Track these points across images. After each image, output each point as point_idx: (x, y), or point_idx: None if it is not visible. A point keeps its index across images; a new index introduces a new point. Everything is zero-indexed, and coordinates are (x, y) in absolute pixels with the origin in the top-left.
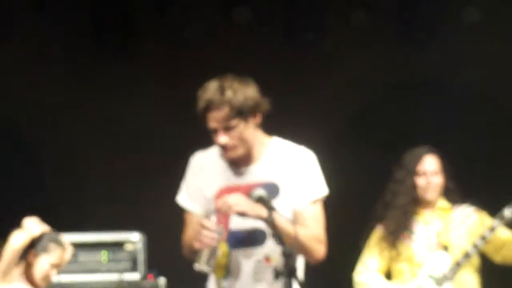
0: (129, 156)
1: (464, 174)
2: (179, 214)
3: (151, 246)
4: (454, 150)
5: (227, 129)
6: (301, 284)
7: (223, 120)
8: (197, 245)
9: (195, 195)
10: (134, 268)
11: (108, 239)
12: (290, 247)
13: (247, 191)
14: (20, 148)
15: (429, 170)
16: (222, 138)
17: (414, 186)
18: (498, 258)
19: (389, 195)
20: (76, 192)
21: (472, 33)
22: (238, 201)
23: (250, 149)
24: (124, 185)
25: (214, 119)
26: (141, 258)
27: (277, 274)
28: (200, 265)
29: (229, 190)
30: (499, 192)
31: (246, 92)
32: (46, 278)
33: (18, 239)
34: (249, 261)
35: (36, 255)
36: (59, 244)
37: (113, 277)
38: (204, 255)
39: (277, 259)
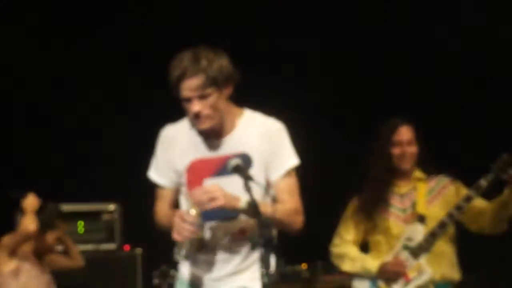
0: (107, 129)
1: (439, 146)
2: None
3: (127, 218)
4: (429, 123)
5: (201, 97)
6: (277, 254)
7: (198, 88)
8: (176, 237)
9: (165, 169)
10: (110, 239)
11: (84, 209)
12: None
13: (220, 163)
14: None
15: (404, 139)
16: (196, 107)
17: (389, 156)
18: (473, 227)
19: (365, 166)
20: (53, 163)
21: None
22: (215, 194)
23: (222, 121)
24: (100, 157)
25: (188, 88)
26: (117, 228)
27: (254, 245)
28: (181, 257)
29: (201, 162)
30: (474, 163)
31: (221, 62)
32: (52, 253)
33: (32, 224)
34: (224, 234)
35: (42, 233)
36: (61, 217)
37: (89, 247)
38: (185, 247)
39: (252, 231)
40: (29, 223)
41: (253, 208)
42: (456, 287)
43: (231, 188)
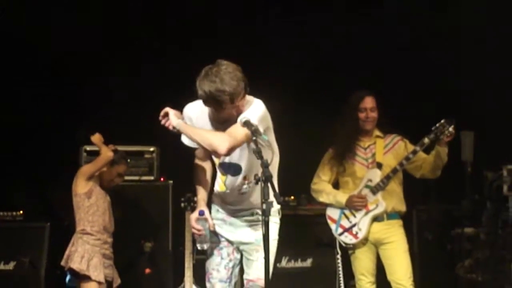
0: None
1: (395, 112)
2: None
3: (163, 157)
4: (388, 95)
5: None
6: (273, 188)
7: (220, 104)
8: (194, 233)
9: None
10: (150, 172)
11: (132, 150)
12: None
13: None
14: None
15: (368, 106)
16: (220, 114)
17: (356, 119)
18: (418, 174)
19: (337, 126)
20: (107, 112)
21: None
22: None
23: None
24: (143, 107)
25: (214, 104)
26: (155, 164)
27: (257, 180)
28: (199, 246)
29: None
30: (419, 127)
31: (238, 76)
32: (112, 182)
33: (110, 151)
34: (235, 181)
35: (109, 164)
36: (126, 160)
37: (134, 178)
38: (200, 239)
39: (251, 178)
40: (107, 151)
41: (257, 153)
42: (403, 216)
43: (239, 152)
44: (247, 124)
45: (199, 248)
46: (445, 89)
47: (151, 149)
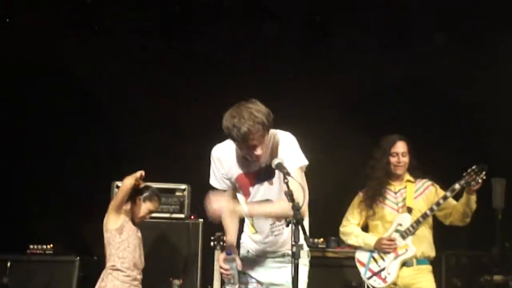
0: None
1: (426, 157)
2: None
3: (194, 195)
4: (420, 138)
5: (261, 143)
6: (304, 231)
7: (261, 137)
8: (221, 273)
9: (220, 179)
10: (181, 210)
11: (164, 187)
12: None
13: (255, 177)
14: (89, 108)
15: (400, 151)
16: (259, 151)
17: (388, 163)
18: (447, 221)
19: (368, 169)
20: (141, 150)
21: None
22: None
23: None
24: (176, 147)
25: (256, 140)
26: (186, 202)
27: (288, 223)
28: (228, 287)
29: (243, 175)
30: (450, 172)
31: (264, 110)
32: (143, 218)
33: (129, 181)
34: (264, 222)
35: (141, 200)
36: (159, 197)
37: (165, 215)
38: (228, 280)
39: (281, 220)
40: (127, 179)
41: (289, 196)
42: (432, 262)
43: (265, 191)
44: (279, 167)
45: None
46: (477, 135)
47: (183, 187)
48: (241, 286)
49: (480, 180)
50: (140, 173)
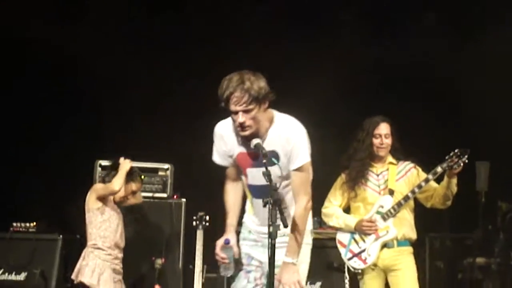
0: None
1: (410, 140)
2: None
3: (177, 175)
4: (404, 121)
5: (245, 111)
6: (281, 211)
7: (242, 104)
8: (217, 260)
9: (223, 156)
10: (163, 190)
11: (146, 167)
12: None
13: (255, 158)
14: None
15: (383, 133)
16: (241, 118)
17: (371, 145)
18: (428, 204)
19: (351, 150)
20: (124, 129)
21: None
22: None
23: (258, 128)
24: (159, 126)
25: (235, 103)
26: (169, 182)
27: (265, 203)
28: (223, 273)
29: (244, 155)
30: (434, 155)
31: (260, 83)
32: (126, 199)
33: (118, 185)
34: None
35: (126, 182)
36: (140, 177)
37: (148, 194)
38: (224, 267)
39: (287, 203)
40: (117, 183)
41: (267, 176)
42: (413, 244)
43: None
44: (257, 147)
45: (222, 274)
46: (460, 118)
47: (166, 166)
48: (240, 268)
49: (461, 164)
50: (128, 161)
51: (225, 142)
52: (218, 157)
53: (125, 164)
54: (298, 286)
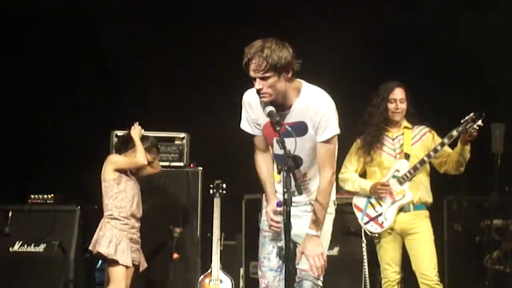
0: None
1: (425, 104)
2: (217, 119)
3: (193, 143)
4: (419, 86)
5: (262, 78)
6: (295, 178)
7: (259, 71)
8: (272, 226)
9: (251, 124)
10: (180, 158)
11: (163, 136)
12: (289, 152)
13: (284, 127)
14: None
15: (398, 97)
16: (258, 85)
17: (386, 109)
18: (441, 170)
19: (366, 115)
20: (140, 98)
21: None
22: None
23: (284, 98)
24: (176, 95)
25: (253, 70)
26: (185, 151)
27: (279, 170)
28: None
29: (269, 126)
30: (448, 118)
31: (282, 53)
32: (143, 169)
33: (144, 159)
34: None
35: None
36: (157, 148)
37: (165, 164)
38: (276, 236)
39: (312, 174)
40: (142, 157)
41: (281, 143)
42: (429, 207)
43: (288, 145)
44: (270, 114)
45: (279, 245)
46: (476, 81)
47: (182, 135)
48: (265, 234)
49: (477, 127)
50: (138, 127)
51: (253, 110)
52: (247, 125)
53: (136, 133)
54: (321, 259)
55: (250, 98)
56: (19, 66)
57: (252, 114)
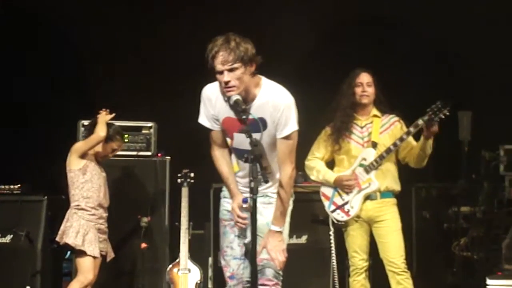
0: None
1: (395, 93)
2: (185, 108)
3: (161, 133)
4: (389, 75)
5: (230, 70)
6: (261, 166)
7: (227, 63)
8: (237, 223)
9: (210, 118)
10: (147, 148)
11: (130, 125)
12: (256, 140)
13: (243, 122)
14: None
15: (364, 81)
16: (226, 77)
17: (353, 94)
18: (403, 162)
19: (335, 103)
20: (107, 87)
21: None
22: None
23: (245, 91)
24: (143, 83)
25: (220, 63)
26: (153, 140)
27: (246, 159)
28: (246, 240)
29: (230, 120)
30: (415, 107)
31: (246, 45)
32: (106, 157)
33: (103, 131)
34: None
35: (106, 142)
36: (121, 136)
37: (132, 153)
38: (242, 232)
39: (271, 169)
40: (101, 130)
41: (246, 133)
42: (396, 195)
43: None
44: (236, 103)
45: (246, 242)
46: (443, 69)
47: (149, 124)
48: (226, 224)
49: (442, 116)
50: (105, 112)
51: (212, 105)
52: (205, 120)
53: (102, 117)
54: (283, 255)
55: (209, 93)
56: None
57: (211, 109)
